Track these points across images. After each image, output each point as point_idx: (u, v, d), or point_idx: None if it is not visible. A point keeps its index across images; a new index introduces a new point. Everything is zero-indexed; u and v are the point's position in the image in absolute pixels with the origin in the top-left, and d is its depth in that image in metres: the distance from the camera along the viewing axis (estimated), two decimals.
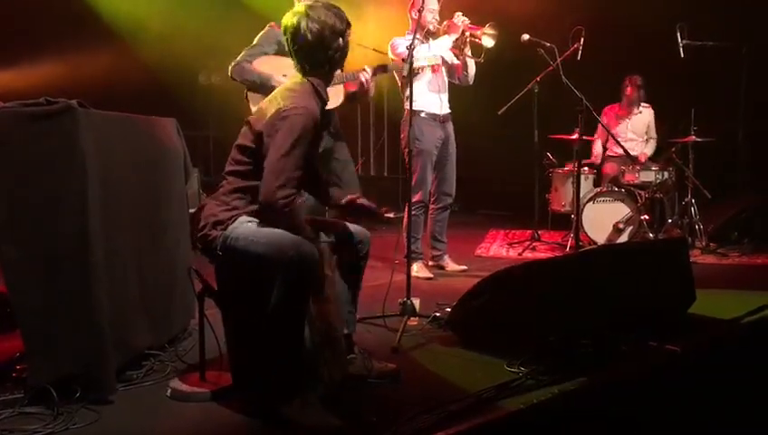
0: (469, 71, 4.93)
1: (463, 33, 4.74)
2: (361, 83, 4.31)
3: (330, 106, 4.22)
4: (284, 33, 2.75)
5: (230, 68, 4.27)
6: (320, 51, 2.72)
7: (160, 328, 3.21)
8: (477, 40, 4.72)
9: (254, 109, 3.10)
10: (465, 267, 5.19)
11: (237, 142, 2.76)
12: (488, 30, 4.64)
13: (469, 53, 4.86)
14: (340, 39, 2.74)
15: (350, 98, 4.44)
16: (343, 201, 2.99)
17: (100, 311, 2.63)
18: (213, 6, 7.87)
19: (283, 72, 4.05)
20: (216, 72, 8.59)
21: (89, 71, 6.75)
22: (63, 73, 6.72)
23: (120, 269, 2.87)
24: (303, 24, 2.68)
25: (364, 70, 4.26)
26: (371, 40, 4.75)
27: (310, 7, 2.71)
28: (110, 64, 7.05)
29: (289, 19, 2.72)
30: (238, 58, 4.26)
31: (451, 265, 5.19)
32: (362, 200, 2.99)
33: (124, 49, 7.47)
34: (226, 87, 8.29)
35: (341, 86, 4.33)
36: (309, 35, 2.68)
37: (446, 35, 4.74)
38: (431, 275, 4.91)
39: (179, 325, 3.47)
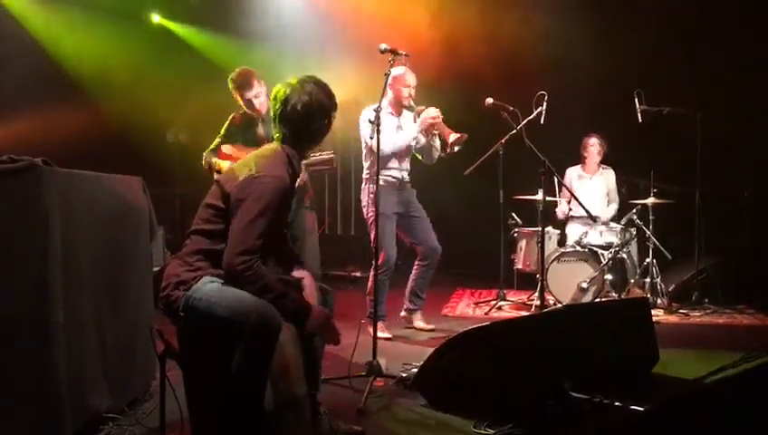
0: (433, 154, 5.00)
1: (430, 128, 4.83)
2: (328, 162, 4.47)
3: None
4: (273, 100, 2.82)
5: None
6: (304, 124, 2.79)
7: (120, 390, 3.13)
8: (445, 141, 4.81)
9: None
10: (432, 327, 5.18)
11: (206, 201, 2.77)
12: (456, 141, 4.72)
13: (437, 145, 4.95)
14: (325, 119, 2.83)
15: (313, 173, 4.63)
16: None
17: (57, 373, 2.56)
18: (181, 65, 7.94)
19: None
20: (184, 131, 8.61)
21: (55, 128, 6.70)
22: (29, 131, 6.67)
23: (80, 329, 2.80)
24: (295, 96, 2.77)
25: (333, 152, 4.45)
26: (349, 99, 4.82)
27: (303, 81, 2.81)
28: (77, 122, 7.01)
29: (281, 89, 2.81)
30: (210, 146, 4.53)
31: (421, 324, 5.19)
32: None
33: (91, 107, 7.46)
34: (194, 145, 8.34)
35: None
36: (298, 106, 2.76)
37: (413, 129, 4.85)
38: (389, 336, 4.86)
39: (140, 387, 3.38)
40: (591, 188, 6.57)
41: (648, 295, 5.85)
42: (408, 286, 5.22)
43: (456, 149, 4.75)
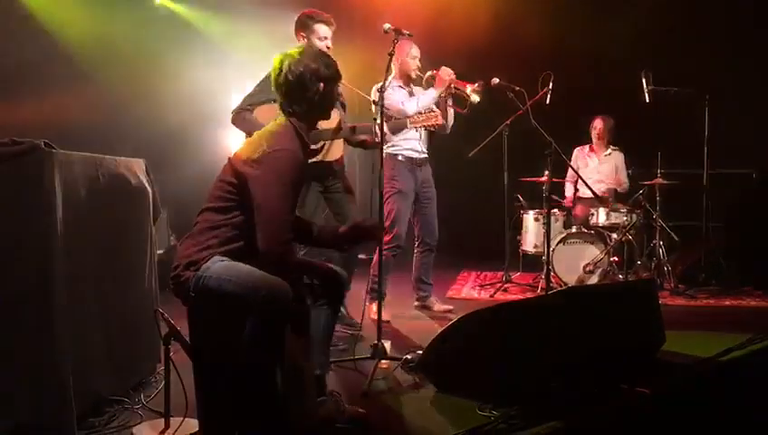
0: (448, 121, 4.94)
1: (449, 86, 4.78)
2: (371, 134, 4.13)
3: (333, 158, 4.20)
4: (272, 71, 2.81)
5: (232, 115, 4.15)
6: (298, 91, 2.77)
7: (124, 373, 3.13)
8: (464, 96, 4.76)
9: None
10: (450, 308, 5.19)
11: (219, 178, 2.76)
12: (476, 88, 4.68)
13: (450, 103, 4.91)
14: (321, 84, 2.79)
15: (360, 145, 4.28)
16: (346, 228, 3.04)
17: (62, 356, 2.56)
18: (184, 45, 7.89)
19: None
20: (187, 112, 8.56)
21: (57, 110, 6.68)
22: (31, 113, 6.64)
23: (84, 312, 2.80)
24: (286, 64, 2.77)
25: (374, 121, 4.03)
26: (355, 81, 4.73)
27: (299, 51, 2.81)
28: (80, 104, 6.99)
29: (278, 58, 2.81)
30: (239, 105, 4.15)
31: (437, 306, 5.22)
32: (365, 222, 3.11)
33: (94, 88, 7.42)
34: (198, 126, 8.30)
35: (341, 141, 4.21)
36: (290, 75, 2.76)
37: (433, 88, 4.77)
38: (388, 319, 4.83)
39: (145, 370, 3.39)
40: (599, 168, 6.55)
41: (655, 277, 5.83)
42: (413, 275, 5.24)
43: (477, 99, 4.70)
